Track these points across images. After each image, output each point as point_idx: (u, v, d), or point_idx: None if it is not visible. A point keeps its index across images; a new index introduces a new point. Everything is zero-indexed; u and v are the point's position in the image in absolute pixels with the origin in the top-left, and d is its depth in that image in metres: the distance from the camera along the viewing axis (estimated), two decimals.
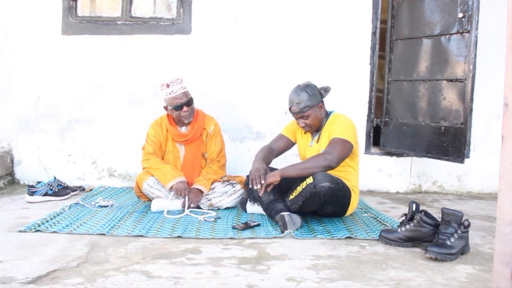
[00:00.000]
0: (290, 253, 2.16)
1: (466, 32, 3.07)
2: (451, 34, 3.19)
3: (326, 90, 2.81)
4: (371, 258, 2.12)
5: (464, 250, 2.17)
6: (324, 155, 2.59)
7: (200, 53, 3.72)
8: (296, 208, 2.61)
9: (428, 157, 3.42)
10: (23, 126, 3.78)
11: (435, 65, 3.34)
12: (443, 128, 3.25)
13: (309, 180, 2.53)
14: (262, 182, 2.57)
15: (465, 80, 3.08)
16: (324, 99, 2.81)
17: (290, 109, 2.77)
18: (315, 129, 2.80)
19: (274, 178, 2.57)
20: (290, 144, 2.98)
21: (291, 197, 2.65)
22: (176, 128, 3.17)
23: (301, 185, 2.59)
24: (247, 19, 3.73)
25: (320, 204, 2.57)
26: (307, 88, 2.74)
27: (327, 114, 2.83)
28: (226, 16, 3.73)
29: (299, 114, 2.73)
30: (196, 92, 3.27)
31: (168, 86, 3.03)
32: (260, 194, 2.59)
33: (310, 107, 2.71)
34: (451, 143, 3.18)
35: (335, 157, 2.57)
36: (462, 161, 3.13)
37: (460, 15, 3.09)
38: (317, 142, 2.79)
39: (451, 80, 3.21)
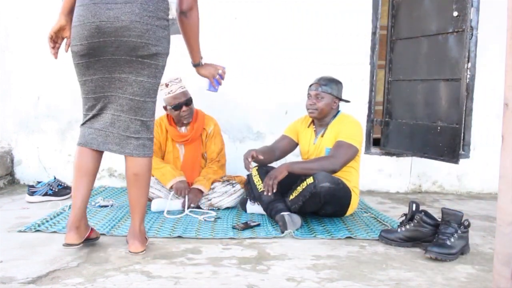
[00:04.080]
0: (290, 253, 2.16)
1: (461, 31, 3.07)
2: (448, 33, 3.19)
3: (346, 100, 2.91)
4: (371, 258, 2.12)
5: (464, 250, 2.17)
6: (330, 159, 2.64)
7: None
8: (296, 209, 2.61)
9: (425, 157, 3.42)
10: (23, 126, 3.78)
11: (433, 64, 3.34)
12: (439, 128, 3.25)
13: (310, 180, 2.54)
14: (249, 159, 2.68)
15: (460, 79, 3.08)
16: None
17: (311, 85, 2.84)
18: (319, 118, 2.82)
19: (282, 174, 2.59)
20: (292, 144, 2.99)
21: (291, 197, 2.65)
22: (175, 128, 3.17)
23: (301, 185, 2.59)
24: (247, 19, 3.73)
25: (320, 204, 2.57)
26: (338, 82, 2.85)
27: (335, 114, 2.86)
28: (226, 16, 3.73)
29: (316, 91, 2.78)
30: (196, 92, 3.26)
31: (167, 85, 3.03)
32: (269, 194, 2.59)
33: (330, 93, 2.78)
34: (446, 143, 3.18)
35: (340, 161, 2.63)
36: (456, 162, 3.13)
37: (455, 13, 3.09)
38: (322, 136, 2.81)
39: (447, 80, 3.21)
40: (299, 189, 2.60)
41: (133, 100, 2.03)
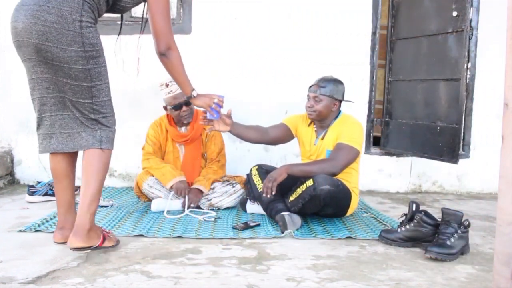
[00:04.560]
0: (290, 253, 2.16)
1: (461, 31, 3.07)
2: (447, 33, 3.19)
3: (349, 101, 2.88)
4: (371, 258, 2.12)
5: (464, 250, 2.17)
6: (331, 162, 2.61)
7: (200, 53, 3.72)
8: (296, 210, 2.60)
9: (425, 157, 3.43)
10: (23, 126, 3.78)
11: (432, 64, 3.34)
12: (438, 128, 3.26)
13: (309, 182, 2.52)
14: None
15: (460, 79, 3.08)
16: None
17: (310, 87, 2.79)
18: (318, 119, 2.78)
19: (281, 177, 2.56)
20: (288, 134, 2.91)
21: (291, 198, 2.64)
22: (175, 128, 3.17)
23: (301, 187, 2.58)
24: (247, 19, 3.73)
25: (320, 206, 2.56)
26: (338, 83, 2.79)
27: (337, 115, 2.83)
28: (226, 16, 3.73)
29: (314, 93, 2.73)
30: None
31: (167, 85, 3.03)
32: (268, 196, 2.57)
33: (329, 95, 2.73)
34: (446, 143, 3.18)
35: (341, 164, 2.60)
36: (456, 162, 3.13)
37: (455, 13, 3.09)
38: (322, 139, 2.79)
39: (446, 80, 3.21)
40: (299, 191, 2.59)
41: (64, 97, 2.02)
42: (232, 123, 2.69)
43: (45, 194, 3.19)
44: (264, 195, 2.57)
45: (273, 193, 2.55)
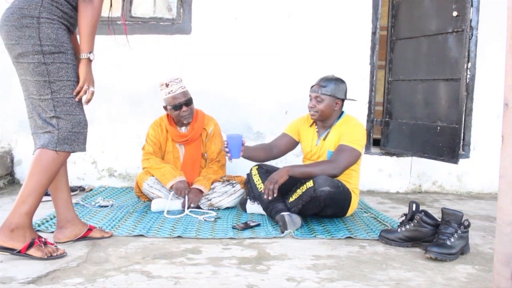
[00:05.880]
0: (290, 253, 2.16)
1: (461, 31, 3.07)
2: (447, 33, 3.19)
3: (352, 99, 2.87)
4: (371, 258, 2.12)
5: (464, 250, 2.17)
6: (332, 164, 2.60)
7: (200, 53, 3.72)
8: (296, 211, 2.60)
9: (425, 157, 3.43)
10: (23, 126, 3.78)
11: (433, 64, 3.34)
12: (438, 128, 3.26)
13: (309, 184, 2.52)
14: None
15: (460, 79, 3.07)
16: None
17: (312, 87, 2.78)
18: (321, 119, 2.78)
19: (283, 179, 2.55)
20: (292, 143, 2.94)
21: (291, 199, 2.64)
22: (175, 128, 3.17)
23: (301, 188, 2.58)
24: (247, 19, 3.73)
25: (320, 207, 2.56)
26: (340, 81, 2.77)
27: (339, 116, 2.82)
28: (226, 16, 3.73)
29: (316, 93, 2.73)
30: (196, 92, 3.27)
31: (167, 85, 3.03)
32: (270, 198, 2.55)
33: (330, 95, 2.71)
34: (446, 143, 3.18)
35: (341, 166, 2.60)
36: (456, 162, 3.13)
37: (455, 13, 3.09)
38: (324, 139, 2.78)
39: (447, 80, 3.21)
40: (299, 192, 2.59)
41: (31, 98, 2.04)
42: (245, 149, 2.73)
43: (45, 194, 3.17)
44: (265, 197, 2.56)
45: (275, 195, 2.54)
